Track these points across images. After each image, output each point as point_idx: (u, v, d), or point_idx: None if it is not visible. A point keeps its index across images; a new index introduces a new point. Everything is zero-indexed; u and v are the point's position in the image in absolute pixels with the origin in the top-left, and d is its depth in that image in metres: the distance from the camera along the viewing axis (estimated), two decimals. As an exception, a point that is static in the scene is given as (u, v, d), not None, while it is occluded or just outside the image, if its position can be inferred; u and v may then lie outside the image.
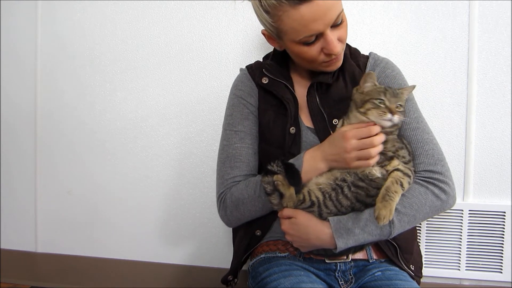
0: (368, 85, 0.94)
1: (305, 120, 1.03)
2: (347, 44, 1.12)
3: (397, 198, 0.85)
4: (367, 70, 1.06)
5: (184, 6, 1.51)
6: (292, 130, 0.99)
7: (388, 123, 0.90)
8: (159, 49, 1.53)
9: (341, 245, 0.88)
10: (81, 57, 1.60)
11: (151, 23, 1.54)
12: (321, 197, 0.90)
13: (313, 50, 0.94)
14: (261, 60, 1.16)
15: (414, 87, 0.97)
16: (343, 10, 0.93)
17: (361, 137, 0.88)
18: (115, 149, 1.58)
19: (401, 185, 0.87)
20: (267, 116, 1.05)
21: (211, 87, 1.50)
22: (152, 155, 1.56)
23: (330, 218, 0.89)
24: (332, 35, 0.91)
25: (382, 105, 0.90)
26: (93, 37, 1.59)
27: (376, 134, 0.89)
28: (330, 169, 0.93)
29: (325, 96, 1.02)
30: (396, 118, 0.89)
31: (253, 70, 1.11)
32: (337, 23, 0.92)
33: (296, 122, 1.00)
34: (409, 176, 0.90)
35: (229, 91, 1.14)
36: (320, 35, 0.91)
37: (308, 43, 0.93)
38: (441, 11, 1.35)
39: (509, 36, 1.32)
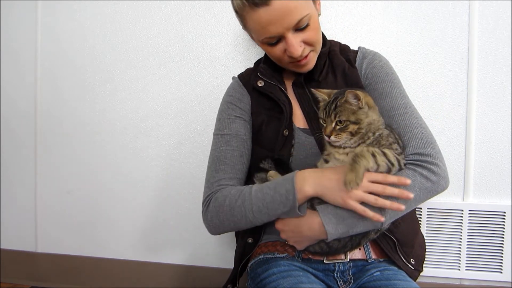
0: (320, 98, 0.94)
1: (297, 121, 1.04)
2: (337, 42, 1.14)
3: (364, 163, 0.81)
4: (356, 64, 1.08)
5: (184, 6, 1.51)
6: (286, 132, 1.00)
7: (336, 143, 0.88)
8: (159, 49, 1.53)
9: (331, 230, 0.86)
10: (81, 57, 1.60)
11: (151, 23, 1.54)
12: None
13: (277, 51, 0.98)
14: (252, 67, 1.19)
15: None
16: (308, 14, 0.93)
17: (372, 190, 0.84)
18: (115, 149, 1.59)
19: (373, 155, 0.83)
20: (260, 119, 1.06)
21: (211, 87, 1.50)
22: (152, 155, 1.56)
23: (317, 206, 0.89)
24: (293, 38, 0.94)
25: (324, 124, 0.90)
26: (93, 37, 1.59)
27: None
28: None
29: None
30: (333, 139, 0.87)
31: (244, 77, 1.15)
32: (301, 27, 0.94)
33: (290, 125, 1.01)
34: (392, 164, 0.86)
35: None
36: (282, 37, 0.94)
37: (270, 44, 0.97)
38: (441, 11, 1.35)
39: (509, 36, 1.32)
